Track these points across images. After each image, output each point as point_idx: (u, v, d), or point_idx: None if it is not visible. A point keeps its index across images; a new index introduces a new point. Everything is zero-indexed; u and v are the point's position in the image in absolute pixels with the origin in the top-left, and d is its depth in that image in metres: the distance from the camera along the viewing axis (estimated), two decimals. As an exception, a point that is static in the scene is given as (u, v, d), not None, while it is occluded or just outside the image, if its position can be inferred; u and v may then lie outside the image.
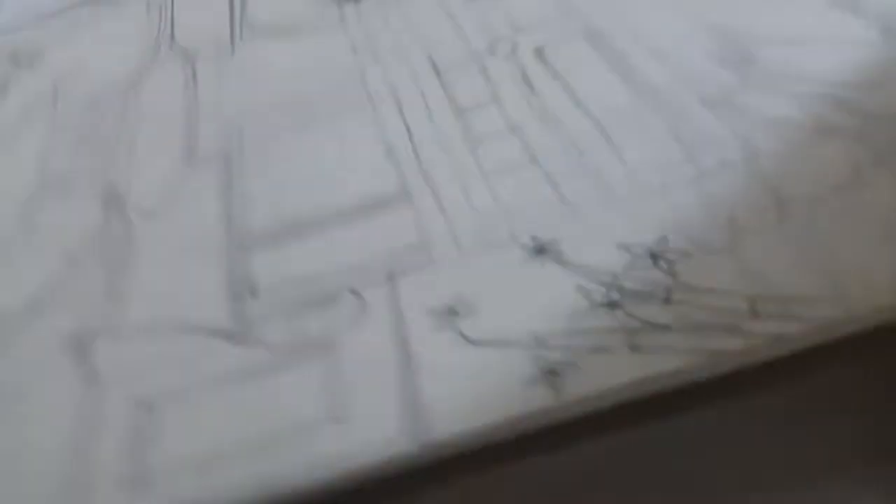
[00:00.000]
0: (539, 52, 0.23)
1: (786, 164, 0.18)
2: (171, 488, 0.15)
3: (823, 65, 0.20)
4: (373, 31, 0.26)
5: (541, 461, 0.15)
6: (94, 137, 0.26)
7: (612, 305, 0.16)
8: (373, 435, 0.15)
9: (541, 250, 0.17)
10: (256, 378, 0.16)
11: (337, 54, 0.25)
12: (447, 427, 0.15)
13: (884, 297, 0.15)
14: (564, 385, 0.15)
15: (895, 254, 0.15)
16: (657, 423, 0.14)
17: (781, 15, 0.22)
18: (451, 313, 0.16)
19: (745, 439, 0.14)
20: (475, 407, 0.15)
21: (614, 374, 0.14)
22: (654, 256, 0.16)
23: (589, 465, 0.14)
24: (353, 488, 0.15)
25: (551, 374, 0.15)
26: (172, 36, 0.29)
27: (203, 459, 0.15)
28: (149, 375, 0.17)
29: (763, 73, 0.20)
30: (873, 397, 0.14)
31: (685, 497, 0.14)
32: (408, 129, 0.21)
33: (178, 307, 0.18)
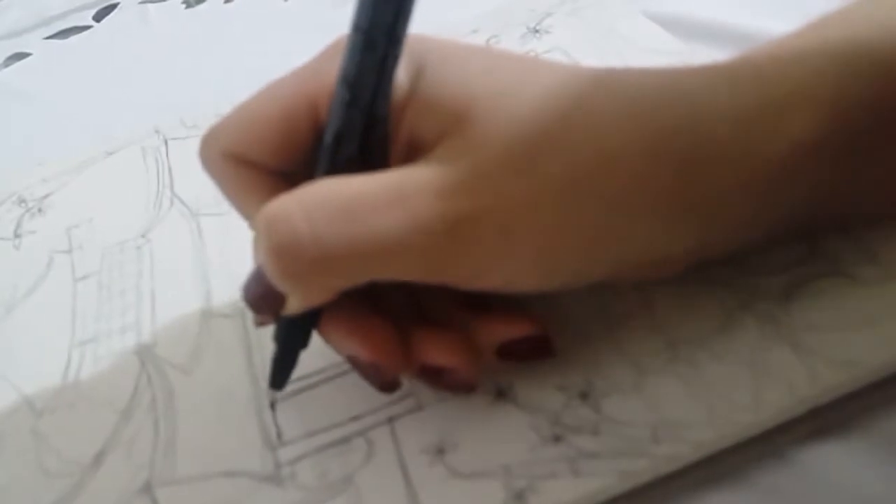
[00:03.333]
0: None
1: (674, 313, 0.24)
2: None
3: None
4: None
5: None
6: (115, 289, 0.30)
7: (556, 439, 0.21)
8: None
9: (500, 394, 0.23)
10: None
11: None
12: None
13: (747, 416, 0.21)
14: (528, 506, 0.20)
15: (756, 381, 0.22)
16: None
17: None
18: (439, 451, 0.22)
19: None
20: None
21: (563, 495, 0.20)
22: (584, 396, 0.22)
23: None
24: None
25: (518, 499, 0.20)
26: (172, 187, 0.34)
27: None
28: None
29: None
30: None
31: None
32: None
33: (223, 455, 0.23)
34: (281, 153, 0.23)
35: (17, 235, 0.34)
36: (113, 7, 0.50)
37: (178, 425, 0.25)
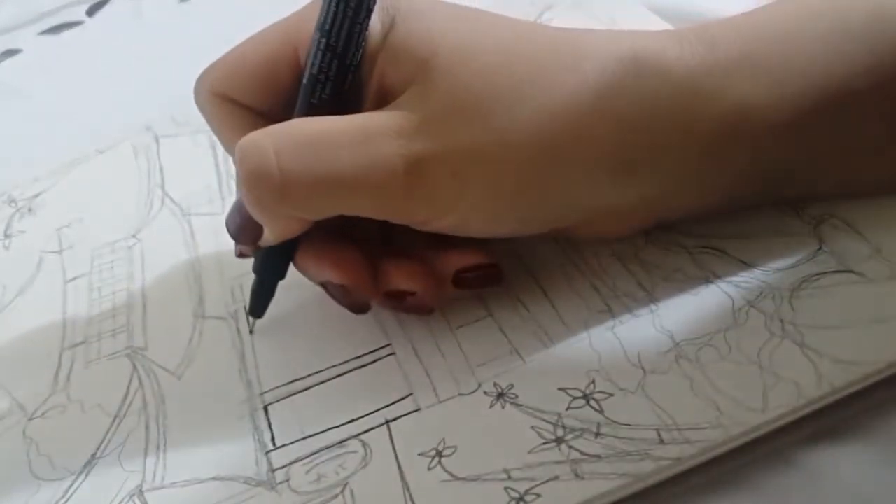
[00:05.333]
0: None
1: (679, 312, 0.23)
2: None
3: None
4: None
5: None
6: (105, 291, 0.30)
7: (558, 441, 0.21)
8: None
9: (500, 395, 0.22)
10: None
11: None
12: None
13: (756, 418, 0.21)
14: (529, 510, 0.20)
15: (764, 381, 0.21)
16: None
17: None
18: (437, 455, 0.21)
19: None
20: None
21: (566, 498, 0.20)
22: (586, 397, 0.22)
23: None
24: None
25: (519, 503, 0.20)
26: (163, 186, 0.34)
27: None
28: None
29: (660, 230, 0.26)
30: None
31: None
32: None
33: (215, 459, 0.23)
34: (263, 95, 0.24)
35: (6, 235, 0.34)
36: (106, 1, 0.49)
37: (170, 429, 0.24)
